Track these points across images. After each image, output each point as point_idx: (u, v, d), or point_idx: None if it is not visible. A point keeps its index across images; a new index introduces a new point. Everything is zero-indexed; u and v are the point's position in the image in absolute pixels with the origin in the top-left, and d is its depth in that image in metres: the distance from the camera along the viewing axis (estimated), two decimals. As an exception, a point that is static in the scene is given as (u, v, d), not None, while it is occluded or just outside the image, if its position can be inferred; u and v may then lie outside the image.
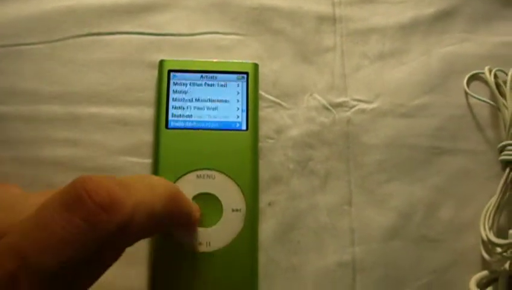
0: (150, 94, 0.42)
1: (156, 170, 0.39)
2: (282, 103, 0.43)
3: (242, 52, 0.44)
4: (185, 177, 0.38)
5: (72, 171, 0.40)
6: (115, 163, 0.40)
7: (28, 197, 0.27)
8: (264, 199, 0.40)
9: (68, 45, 0.42)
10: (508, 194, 0.40)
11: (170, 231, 0.36)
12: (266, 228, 0.39)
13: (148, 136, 0.41)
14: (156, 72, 0.42)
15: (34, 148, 0.40)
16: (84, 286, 0.25)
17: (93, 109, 0.41)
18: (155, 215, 0.27)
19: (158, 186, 0.29)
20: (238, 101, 0.41)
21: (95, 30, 0.43)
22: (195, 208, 0.35)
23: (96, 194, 0.23)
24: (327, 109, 0.43)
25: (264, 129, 0.41)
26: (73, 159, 0.40)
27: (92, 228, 0.23)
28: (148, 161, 0.40)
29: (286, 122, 0.42)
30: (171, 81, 0.41)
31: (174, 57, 0.42)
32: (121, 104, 0.41)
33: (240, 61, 0.42)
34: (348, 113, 0.43)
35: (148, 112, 0.41)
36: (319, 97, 0.43)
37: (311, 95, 0.43)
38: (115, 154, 0.40)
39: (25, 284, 0.21)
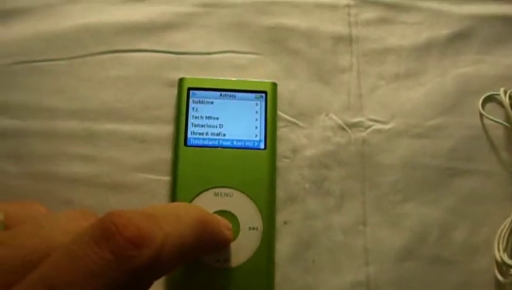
0: (167, 112, 0.42)
1: (174, 186, 0.39)
2: (299, 123, 0.43)
3: (259, 72, 0.44)
4: (203, 194, 0.38)
5: (88, 187, 0.40)
6: (131, 180, 0.40)
7: (54, 220, 0.27)
8: (279, 218, 0.40)
9: (86, 62, 0.43)
10: (522, 216, 0.40)
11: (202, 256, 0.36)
12: (281, 247, 0.40)
13: (164, 154, 0.41)
14: (173, 90, 0.42)
15: (50, 164, 0.40)
16: None
17: (110, 126, 0.41)
18: (184, 246, 0.27)
19: (186, 215, 0.28)
20: (256, 120, 0.41)
21: (113, 48, 0.43)
22: (225, 226, 0.34)
23: (126, 229, 0.23)
24: (343, 129, 0.43)
25: (280, 148, 0.41)
26: (89, 176, 0.40)
27: (121, 262, 0.23)
28: (164, 178, 0.40)
29: (302, 141, 0.42)
30: (191, 99, 0.41)
31: (191, 75, 0.42)
32: (138, 122, 0.42)
33: (259, 80, 0.42)
34: (364, 134, 0.43)
35: (165, 130, 0.42)
36: (335, 117, 0.43)
37: (327, 115, 0.43)
38: (131, 171, 0.41)
39: None
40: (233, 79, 0.42)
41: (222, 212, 0.38)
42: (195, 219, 0.29)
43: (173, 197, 0.39)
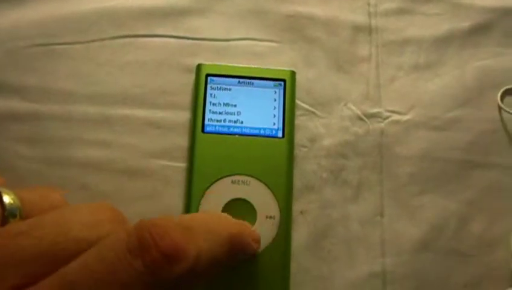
0: (184, 98, 0.42)
1: (190, 173, 0.39)
2: (316, 112, 0.43)
3: (277, 59, 0.44)
4: (220, 182, 0.38)
5: (103, 172, 0.40)
6: (147, 165, 0.40)
7: (77, 211, 0.27)
8: (295, 208, 0.40)
9: (104, 46, 0.42)
10: (540, 210, 0.40)
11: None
12: (297, 236, 0.39)
13: (181, 140, 0.41)
14: (190, 76, 0.42)
15: (66, 148, 0.40)
16: None
17: (127, 111, 0.41)
18: (216, 261, 0.27)
19: (220, 230, 0.28)
20: (274, 108, 0.41)
21: (132, 32, 0.43)
22: (254, 238, 0.33)
23: (162, 242, 0.23)
24: (361, 119, 0.43)
25: (297, 137, 0.41)
26: (105, 161, 0.40)
27: (153, 275, 0.23)
28: (180, 164, 0.40)
29: (320, 131, 0.42)
30: (208, 86, 0.41)
31: (209, 61, 0.42)
32: (155, 107, 0.41)
33: (278, 68, 0.42)
34: (382, 124, 0.43)
35: (182, 116, 0.41)
36: (353, 107, 0.43)
37: (345, 104, 0.43)
38: (147, 157, 0.40)
39: None
40: (252, 66, 0.42)
41: (239, 201, 0.38)
42: (228, 234, 0.29)
43: (189, 184, 0.38)
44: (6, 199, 0.28)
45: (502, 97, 0.44)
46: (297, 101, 0.42)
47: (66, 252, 0.24)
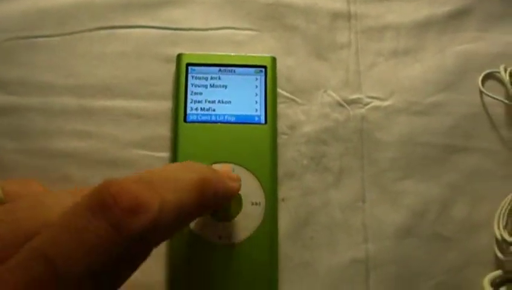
0: (164, 88, 0.42)
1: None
2: (296, 99, 0.43)
3: (256, 48, 0.44)
4: (204, 170, 0.38)
5: (84, 163, 0.40)
6: (128, 156, 0.40)
7: (54, 196, 0.27)
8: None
9: (83, 38, 0.42)
10: (522, 193, 0.40)
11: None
12: (280, 224, 0.39)
13: (161, 130, 0.41)
14: (170, 66, 0.42)
15: (46, 139, 0.40)
16: (113, 288, 0.25)
17: (107, 102, 0.41)
18: (183, 210, 0.26)
19: (184, 178, 0.28)
20: (256, 94, 0.41)
21: (110, 24, 0.43)
22: (230, 178, 0.32)
23: (122, 199, 0.23)
24: (341, 105, 0.43)
25: (278, 125, 0.41)
26: (85, 152, 0.40)
27: (119, 232, 0.22)
28: (161, 154, 0.40)
29: (300, 118, 0.42)
30: (189, 75, 0.41)
31: (188, 51, 0.42)
32: (135, 98, 0.41)
33: (258, 55, 0.42)
34: (362, 110, 0.43)
35: (162, 106, 0.41)
36: (333, 94, 0.43)
37: (325, 91, 0.43)
38: (128, 147, 0.40)
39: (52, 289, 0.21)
40: (232, 54, 0.42)
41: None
42: (195, 180, 0.28)
43: (173, 173, 0.38)
44: None
45: (483, 81, 0.44)
46: (278, 89, 0.42)
47: None
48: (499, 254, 0.39)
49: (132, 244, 0.23)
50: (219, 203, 0.33)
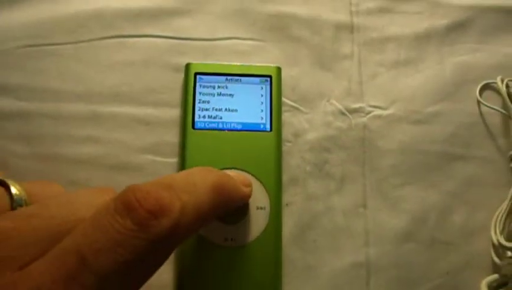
0: (171, 95, 0.43)
1: (182, 168, 0.39)
2: (300, 108, 0.44)
3: (262, 58, 0.45)
4: (211, 176, 0.39)
5: (93, 168, 0.41)
6: (136, 161, 0.41)
7: (82, 195, 0.29)
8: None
9: (92, 46, 0.44)
10: (518, 200, 0.41)
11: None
12: (283, 228, 0.40)
13: (169, 136, 0.42)
14: (177, 75, 0.43)
15: (56, 145, 0.41)
16: (135, 287, 0.26)
17: (116, 109, 0.42)
18: (202, 212, 0.28)
19: (202, 182, 0.29)
20: (262, 103, 0.42)
21: (119, 33, 0.44)
22: (243, 183, 0.35)
23: (146, 202, 0.25)
24: (344, 114, 0.44)
25: (282, 133, 0.42)
26: (95, 157, 0.41)
27: (143, 231, 0.24)
28: (169, 159, 0.41)
29: (304, 126, 0.43)
30: (197, 84, 0.42)
31: (195, 60, 0.43)
32: (143, 105, 0.43)
33: (264, 64, 0.43)
34: (364, 119, 0.44)
35: (170, 113, 0.42)
36: (336, 103, 0.44)
37: (328, 100, 0.44)
38: (136, 152, 0.41)
39: (83, 282, 0.23)
40: (238, 64, 0.43)
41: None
42: (211, 184, 0.30)
43: (181, 179, 0.39)
44: (13, 189, 0.29)
45: (481, 91, 0.46)
46: (282, 98, 0.43)
47: None
48: (496, 259, 0.41)
49: (155, 245, 0.25)
50: (233, 207, 0.35)
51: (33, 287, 0.22)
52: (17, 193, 0.29)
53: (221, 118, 0.41)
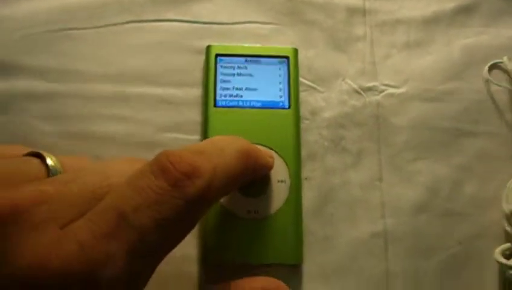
0: (192, 76, 0.45)
1: None
2: (317, 87, 0.46)
3: (279, 41, 0.47)
4: (233, 151, 0.41)
5: (120, 145, 0.42)
6: (161, 139, 0.43)
7: (110, 164, 0.30)
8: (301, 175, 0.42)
9: (115, 31, 0.45)
10: (527, 171, 0.43)
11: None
12: (302, 202, 0.42)
13: (191, 115, 0.43)
14: (198, 57, 0.45)
15: (84, 123, 0.42)
16: (171, 246, 0.28)
17: (139, 89, 0.44)
18: (231, 175, 0.30)
19: (229, 148, 0.31)
20: (280, 82, 0.44)
21: (139, 18, 0.46)
22: (267, 154, 0.38)
23: (179, 165, 0.26)
24: (358, 92, 0.46)
25: (300, 111, 0.44)
26: (121, 135, 0.42)
27: (179, 191, 0.26)
28: (192, 137, 0.43)
29: (320, 104, 0.45)
30: (218, 64, 0.44)
31: (215, 44, 0.45)
32: (165, 85, 0.44)
33: (281, 46, 0.45)
34: (378, 97, 0.46)
35: (191, 93, 0.44)
36: (350, 82, 0.46)
37: (343, 80, 0.46)
38: (161, 130, 0.43)
39: (123, 238, 0.24)
40: (257, 45, 0.45)
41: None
42: (239, 149, 0.32)
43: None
44: (49, 161, 0.31)
45: (489, 71, 0.48)
46: (299, 78, 0.45)
47: None
48: (508, 228, 0.42)
49: (190, 204, 0.26)
50: (258, 174, 0.37)
51: (76, 242, 0.24)
52: (53, 164, 0.31)
53: (241, 96, 0.43)
